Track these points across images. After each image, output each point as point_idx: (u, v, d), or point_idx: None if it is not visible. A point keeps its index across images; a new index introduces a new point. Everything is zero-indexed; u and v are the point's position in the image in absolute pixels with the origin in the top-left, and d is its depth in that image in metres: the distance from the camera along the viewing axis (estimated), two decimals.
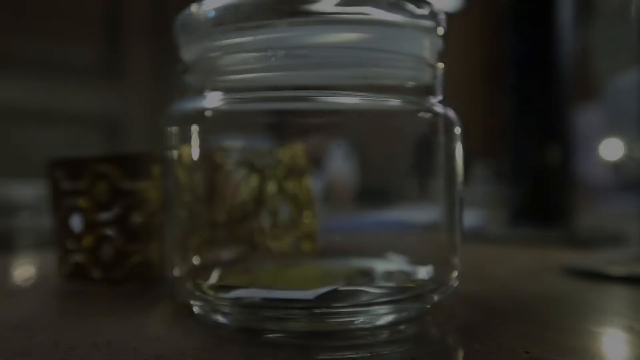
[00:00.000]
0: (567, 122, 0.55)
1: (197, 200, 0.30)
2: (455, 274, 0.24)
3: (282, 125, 0.31)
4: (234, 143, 0.34)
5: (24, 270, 0.41)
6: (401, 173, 0.37)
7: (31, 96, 1.50)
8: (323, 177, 0.47)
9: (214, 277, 0.26)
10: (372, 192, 0.48)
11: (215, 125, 0.28)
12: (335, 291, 0.22)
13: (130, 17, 1.67)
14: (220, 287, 0.23)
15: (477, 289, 0.28)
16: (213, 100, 0.24)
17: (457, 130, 0.24)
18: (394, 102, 0.23)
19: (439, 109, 0.24)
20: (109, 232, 0.30)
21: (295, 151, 0.35)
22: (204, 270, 0.28)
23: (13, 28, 1.49)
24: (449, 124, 0.24)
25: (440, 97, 0.24)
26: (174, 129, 0.25)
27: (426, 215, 0.38)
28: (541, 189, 0.55)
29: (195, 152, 0.29)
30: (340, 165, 0.43)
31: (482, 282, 0.31)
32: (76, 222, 0.30)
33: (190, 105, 0.24)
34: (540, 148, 0.55)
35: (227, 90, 0.24)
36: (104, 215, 0.30)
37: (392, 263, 0.29)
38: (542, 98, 0.54)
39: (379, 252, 0.31)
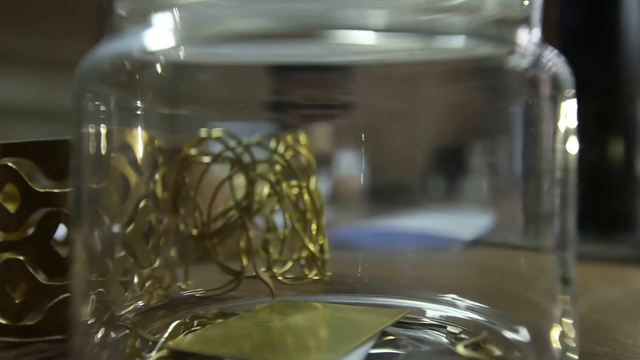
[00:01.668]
0: (634, 109, 0.44)
1: (150, 210, 0.20)
2: (571, 337, 0.14)
3: (278, 97, 0.21)
4: (212, 129, 0.24)
5: None
6: (429, 166, 0.27)
7: (24, 93, 1.43)
8: (330, 175, 0.36)
9: (164, 338, 0.16)
10: (386, 193, 0.37)
11: (173, 90, 0.19)
12: None
13: None
14: None
15: (591, 350, 0.18)
16: (162, 39, 0.14)
17: (570, 93, 0.14)
18: (459, 38, 0.13)
19: (539, 53, 0.14)
20: (21, 256, 0.20)
21: (298, 140, 0.25)
22: (151, 321, 0.18)
23: (7, 24, 1.41)
24: (555, 82, 0.14)
25: (539, 35, 0.14)
26: (100, 97, 0.15)
27: (470, 226, 0.28)
28: (599, 192, 0.45)
29: (141, 138, 0.19)
30: (352, 158, 0.33)
31: (586, 335, 0.20)
32: None
33: (124, 50, 0.14)
34: (599, 141, 0.45)
35: (186, 25, 0.14)
36: (13, 232, 0.20)
37: (447, 307, 0.19)
38: (602, 79, 0.44)
39: (420, 286, 0.21)
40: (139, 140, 0.20)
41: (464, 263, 0.24)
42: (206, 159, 0.23)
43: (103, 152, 0.16)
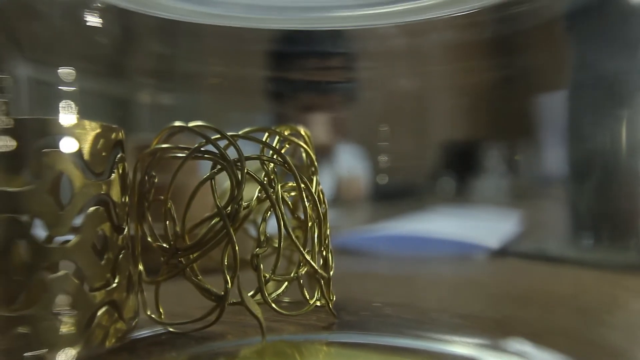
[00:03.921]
0: None
1: (103, 217, 0.16)
2: None
3: (270, 73, 0.17)
4: (189, 122, 0.19)
5: None
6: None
7: None
8: (333, 173, 0.31)
9: None
10: (401, 192, 0.32)
11: (122, 56, 0.14)
12: None
13: None
14: None
15: None
16: None
17: None
18: None
19: None
20: None
21: (297, 133, 0.20)
22: None
23: None
24: None
25: None
26: None
27: (498, 232, 0.24)
28: None
29: (90, 128, 0.15)
30: (355, 155, 0.28)
31: None
32: None
33: None
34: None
35: None
36: None
37: (495, 353, 0.14)
38: None
39: (455, 318, 0.16)
40: (85, 131, 0.15)
41: (497, 282, 0.20)
42: (181, 155, 0.19)
43: (14, 145, 0.11)
